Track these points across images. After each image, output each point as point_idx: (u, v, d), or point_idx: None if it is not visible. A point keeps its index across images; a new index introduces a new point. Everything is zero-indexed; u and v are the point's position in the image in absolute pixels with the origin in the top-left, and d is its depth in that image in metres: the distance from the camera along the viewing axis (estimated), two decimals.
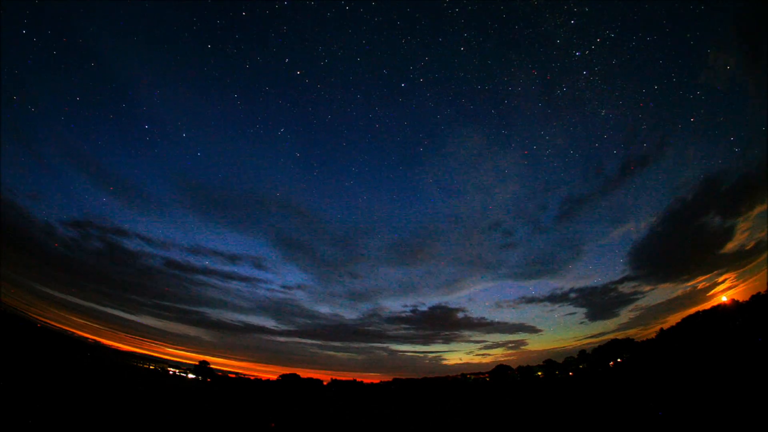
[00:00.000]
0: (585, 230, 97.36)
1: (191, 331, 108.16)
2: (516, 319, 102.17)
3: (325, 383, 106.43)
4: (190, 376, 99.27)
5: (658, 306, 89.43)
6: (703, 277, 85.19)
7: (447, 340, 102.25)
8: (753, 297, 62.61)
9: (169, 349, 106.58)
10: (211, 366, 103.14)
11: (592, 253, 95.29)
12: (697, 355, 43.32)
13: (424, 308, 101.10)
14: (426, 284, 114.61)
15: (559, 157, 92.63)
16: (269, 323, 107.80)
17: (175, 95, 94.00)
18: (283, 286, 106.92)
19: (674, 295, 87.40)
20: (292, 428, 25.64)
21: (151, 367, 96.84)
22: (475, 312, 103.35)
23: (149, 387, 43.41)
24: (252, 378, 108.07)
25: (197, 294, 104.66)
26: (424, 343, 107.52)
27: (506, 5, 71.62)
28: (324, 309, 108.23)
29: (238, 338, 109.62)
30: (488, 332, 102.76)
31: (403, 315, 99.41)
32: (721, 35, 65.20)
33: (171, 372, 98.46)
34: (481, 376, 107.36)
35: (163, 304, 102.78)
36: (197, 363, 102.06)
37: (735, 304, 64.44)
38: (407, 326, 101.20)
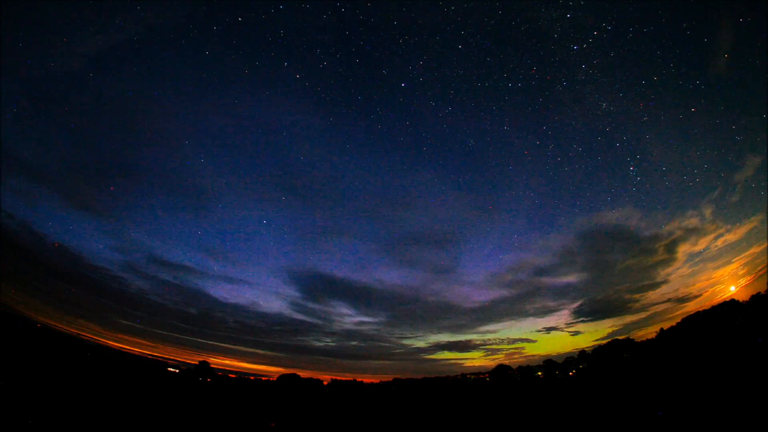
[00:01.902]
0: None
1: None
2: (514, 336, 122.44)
3: (325, 383, 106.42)
4: (191, 376, 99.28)
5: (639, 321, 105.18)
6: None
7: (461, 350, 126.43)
8: (753, 297, 62.69)
9: (170, 349, 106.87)
10: (212, 366, 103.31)
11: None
12: (697, 355, 43.32)
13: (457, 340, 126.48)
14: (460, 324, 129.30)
15: (560, 153, 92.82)
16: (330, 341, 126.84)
17: (175, 102, 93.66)
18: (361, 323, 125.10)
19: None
20: (292, 428, 25.65)
21: (151, 367, 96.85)
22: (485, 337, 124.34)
23: (149, 387, 43.42)
24: (252, 378, 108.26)
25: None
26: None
27: (501, 1, 71.60)
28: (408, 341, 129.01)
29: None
30: (494, 345, 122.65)
31: (440, 343, 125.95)
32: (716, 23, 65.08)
33: (171, 372, 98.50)
34: (481, 376, 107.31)
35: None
36: (197, 363, 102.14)
37: (735, 304, 64.53)
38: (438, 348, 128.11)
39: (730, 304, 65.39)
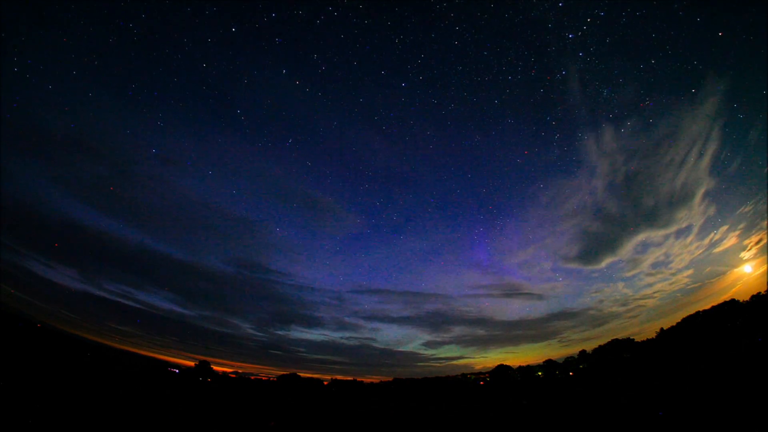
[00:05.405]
0: None
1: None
2: None
3: (325, 383, 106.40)
4: (191, 376, 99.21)
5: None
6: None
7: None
8: (753, 297, 62.61)
9: (170, 349, 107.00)
10: (211, 366, 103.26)
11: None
12: (697, 355, 43.29)
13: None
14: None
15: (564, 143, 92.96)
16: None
17: (175, 114, 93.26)
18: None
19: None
20: (292, 428, 25.63)
21: (151, 367, 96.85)
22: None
23: (149, 387, 43.39)
24: (252, 378, 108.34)
25: None
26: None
27: None
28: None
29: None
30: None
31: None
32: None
33: (171, 372, 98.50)
34: (481, 375, 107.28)
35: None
36: (197, 363, 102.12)
37: (735, 304, 64.44)
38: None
39: (730, 304, 65.33)
